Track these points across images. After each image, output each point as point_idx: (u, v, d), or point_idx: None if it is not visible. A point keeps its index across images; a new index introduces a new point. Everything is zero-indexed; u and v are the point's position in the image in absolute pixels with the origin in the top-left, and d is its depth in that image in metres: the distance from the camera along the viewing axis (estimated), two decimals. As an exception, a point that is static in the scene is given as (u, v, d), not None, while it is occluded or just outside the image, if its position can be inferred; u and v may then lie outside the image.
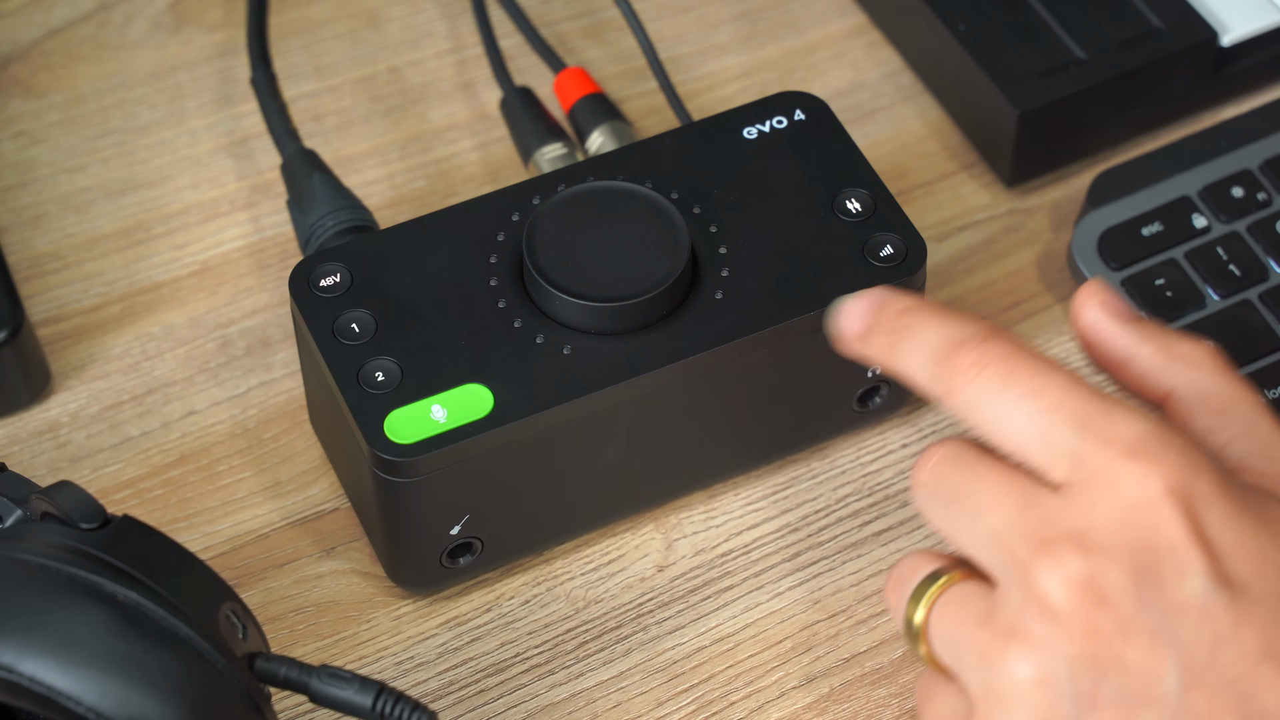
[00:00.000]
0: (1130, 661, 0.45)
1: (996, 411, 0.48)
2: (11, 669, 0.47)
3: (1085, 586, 0.46)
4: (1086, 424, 0.47)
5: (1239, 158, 0.69)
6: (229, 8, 0.77)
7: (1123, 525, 0.46)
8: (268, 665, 0.50)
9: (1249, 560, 0.46)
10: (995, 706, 0.47)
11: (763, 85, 0.74)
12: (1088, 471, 0.46)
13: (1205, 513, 0.46)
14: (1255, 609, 0.45)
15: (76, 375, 0.67)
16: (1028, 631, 0.46)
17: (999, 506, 0.47)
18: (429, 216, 0.61)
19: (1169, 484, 0.46)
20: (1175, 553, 0.45)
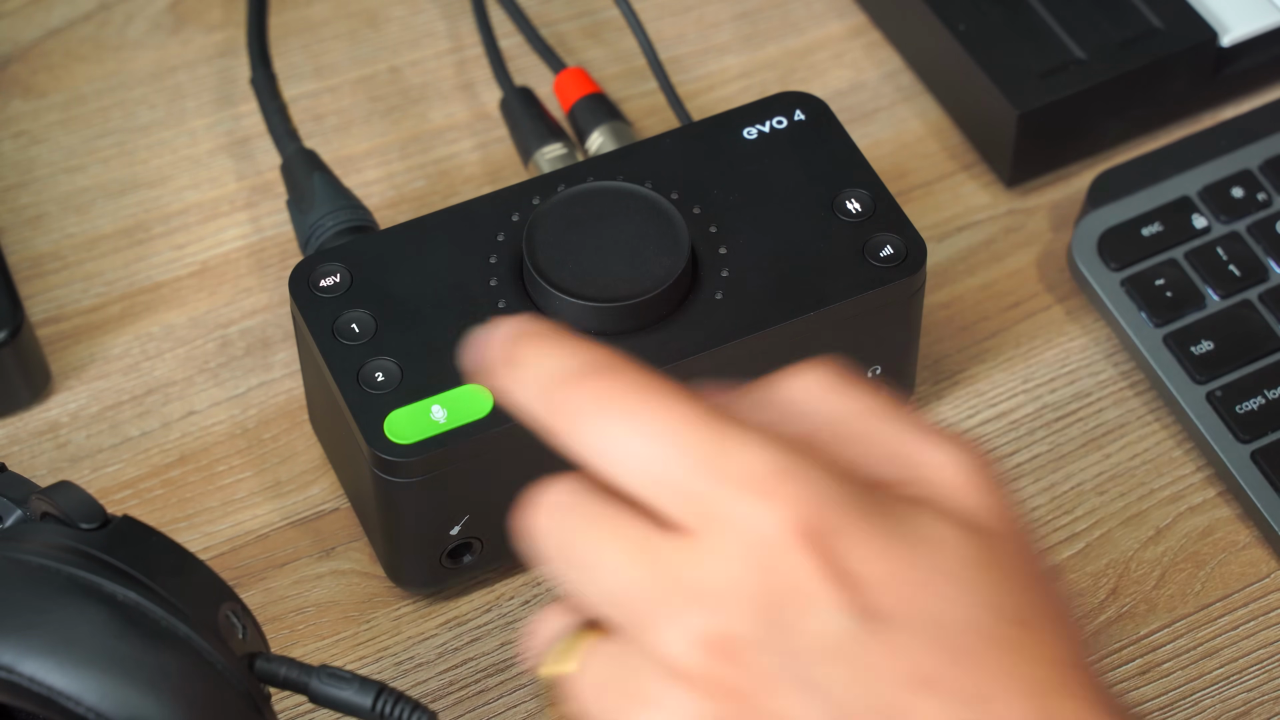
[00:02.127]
0: (773, 712, 0.41)
1: (611, 451, 0.43)
2: (11, 669, 0.47)
3: (710, 643, 0.42)
4: (704, 460, 0.42)
5: (1239, 158, 0.69)
6: (229, 8, 0.77)
7: (746, 571, 0.42)
8: (268, 665, 0.50)
9: (892, 586, 0.42)
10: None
11: (763, 85, 0.74)
12: (707, 514, 0.42)
13: (840, 544, 0.42)
14: (899, 636, 0.42)
15: (76, 375, 0.67)
16: (658, 699, 0.42)
17: (614, 561, 0.43)
18: (429, 216, 0.61)
19: (795, 520, 0.41)
20: (805, 593, 0.41)
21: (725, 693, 0.42)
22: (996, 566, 0.43)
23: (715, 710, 0.42)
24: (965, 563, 0.43)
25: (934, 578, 0.42)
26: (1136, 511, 0.64)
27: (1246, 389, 0.64)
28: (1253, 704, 0.60)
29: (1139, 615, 0.61)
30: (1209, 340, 0.65)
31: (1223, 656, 0.61)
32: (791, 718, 0.42)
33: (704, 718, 0.42)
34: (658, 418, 0.42)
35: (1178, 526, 0.63)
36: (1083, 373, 0.67)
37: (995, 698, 0.42)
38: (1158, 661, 0.60)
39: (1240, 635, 0.61)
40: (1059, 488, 0.64)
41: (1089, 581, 0.62)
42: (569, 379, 0.44)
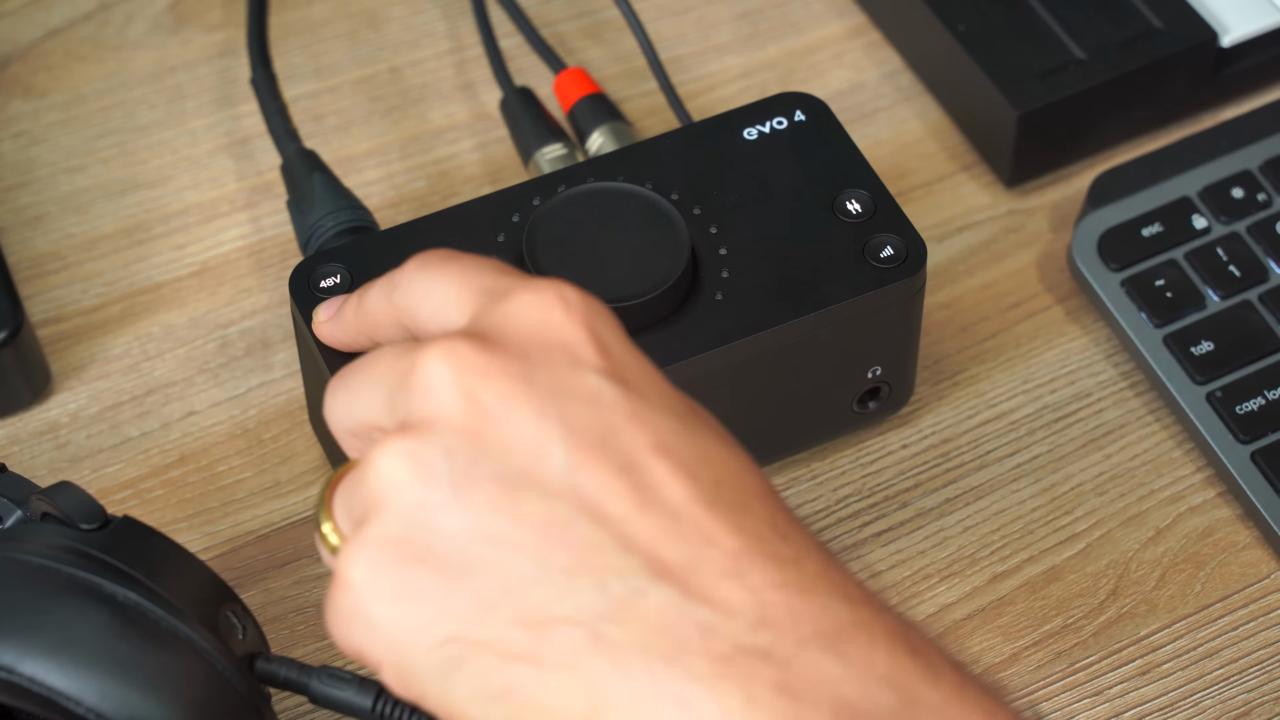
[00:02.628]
0: (513, 436, 0.44)
1: (423, 290, 0.48)
2: (12, 669, 0.47)
3: (469, 365, 0.44)
4: (504, 271, 0.47)
5: (1239, 158, 0.69)
6: (229, 8, 0.77)
7: (519, 324, 0.45)
8: (268, 666, 0.50)
9: (648, 378, 0.45)
10: (369, 511, 0.45)
11: (763, 86, 0.74)
12: (495, 294, 0.46)
13: (604, 330, 0.46)
14: (652, 411, 0.44)
15: (76, 375, 0.67)
16: (411, 421, 0.45)
17: (391, 349, 0.47)
18: (429, 217, 0.61)
19: (565, 295, 0.46)
20: (569, 348, 0.45)
21: (469, 405, 0.44)
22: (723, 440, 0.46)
23: (457, 423, 0.44)
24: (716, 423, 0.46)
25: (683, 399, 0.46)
26: (1136, 512, 0.64)
27: (1246, 389, 0.64)
28: (1253, 704, 0.60)
29: (1139, 615, 0.61)
30: (1209, 341, 0.65)
31: (1223, 657, 0.61)
32: (529, 444, 0.44)
33: (446, 431, 0.44)
34: (466, 260, 0.48)
35: (1178, 527, 0.63)
36: (1083, 373, 0.67)
37: (736, 488, 0.44)
38: (1158, 662, 0.60)
39: (1240, 636, 0.61)
40: (1059, 488, 0.64)
41: (1089, 581, 0.62)
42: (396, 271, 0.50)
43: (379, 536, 0.44)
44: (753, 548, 0.43)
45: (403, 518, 0.44)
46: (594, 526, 0.43)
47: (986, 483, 0.64)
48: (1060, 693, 0.60)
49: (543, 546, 0.43)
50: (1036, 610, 0.62)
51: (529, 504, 0.43)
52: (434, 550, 0.43)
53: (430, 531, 0.44)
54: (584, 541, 0.43)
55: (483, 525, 0.43)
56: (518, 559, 0.43)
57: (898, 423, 0.66)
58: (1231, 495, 0.64)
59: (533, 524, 0.43)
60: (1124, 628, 0.61)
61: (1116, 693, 0.60)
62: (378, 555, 0.44)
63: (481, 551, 0.43)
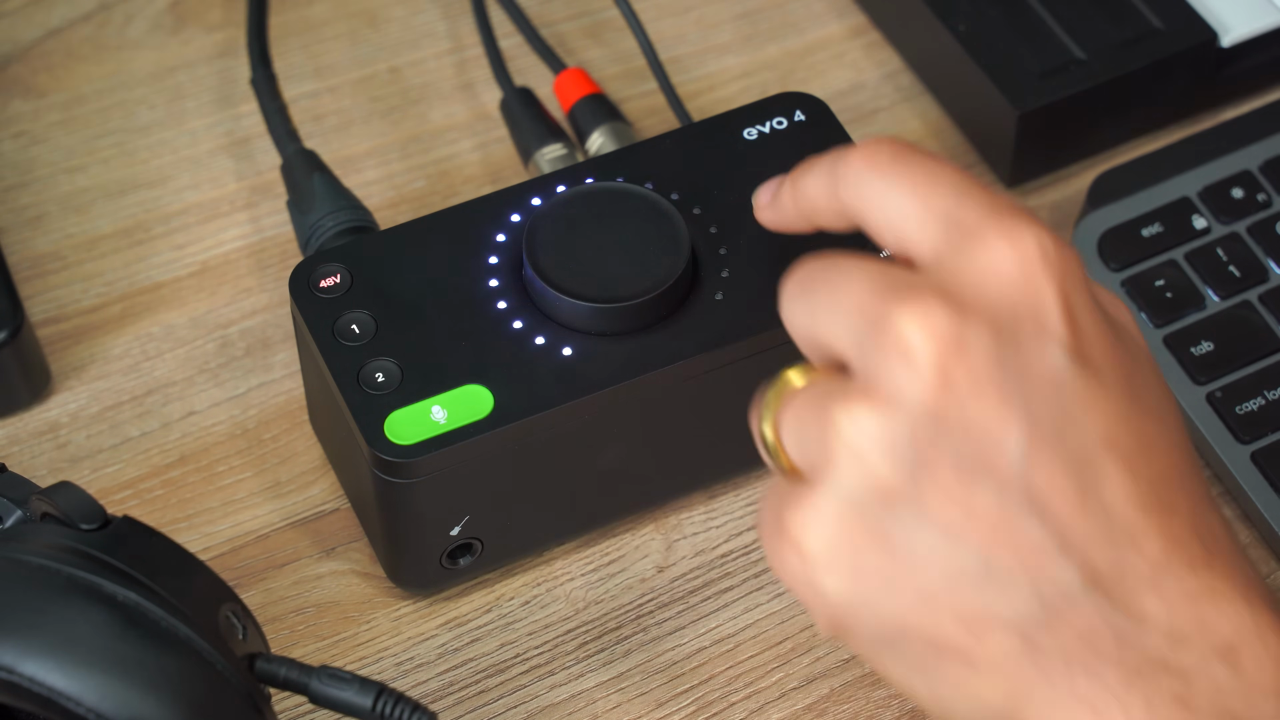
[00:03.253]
0: (975, 420, 0.44)
1: (876, 196, 0.47)
2: (12, 670, 0.47)
3: (946, 335, 0.44)
4: (966, 193, 0.46)
5: (1239, 158, 0.69)
6: (229, 8, 0.77)
7: (992, 281, 0.45)
8: (268, 666, 0.50)
9: (1105, 347, 0.45)
10: (822, 469, 0.45)
11: (763, 86, 0.74)
12: (963, 230, 0.45)
13: (1073, 290, 0.45)
14: (1106, 393, 0.44)
15: (76, 375, 0.67)
16: (875, 382, 0.44)
17: (863, 278, 0.46)
18: (429, 217, 0.61)
19: (1043, 249, 0.45)
20: (1041, 318, 0.44)
21: (942, 384, 0.44)
22: (1165, 389, 0.46)
23: (927, 401, 0.44)
24: (1150, 364, 0.46)
25: (1130, 354, 0.46)
26: (1136, 512, 0.64)
27: (1246, 390, 0.64)
28: (1253, 704, 0.60)
29: (1139, 616, 0.61)
30: (1209, 341, 0.65)
31: (1223, 657, 0.61)
32: (989, 430, 0.44)
33: (915, 407, 0.44)
34: (927, 170, 0.46)
35: (1178, 527, 0.63)
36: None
37: (1166, 483, 0.44)
38: (1158, 662, 0.60)
39: (1240, 636, 0.61)
40: (1059, 488, 0.64)
41: (1089, 582, 0.62)
42: (849, 153, 0.48)
43: (835, 509, 0.44)
44: (1173, 554, 0.44)
45: (861, 495, 0.44)
46: (1038, 525, 0.43)
47: (986, 483, 0.64)
48: (1060, 693, 0.60)
49: (989, 543, 0.44)
50: (1036, 610, 0.61)
51: (982, 496, 0.44)
52: (888, 534, 0.44)
53: (886, 514, 0.44)
54: (1028, 542, 0.43)
55: (935, 514, 0.44)
56: (965, 553, 0.44)
57: (898, 423, 0.66)
58: (1231, 495, 0.64)
59: (983, 518, 0.44)
60: (1124, 628, 0.61)
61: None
62: (834, 530, 0.45)
63: (932, 542, 0.44)
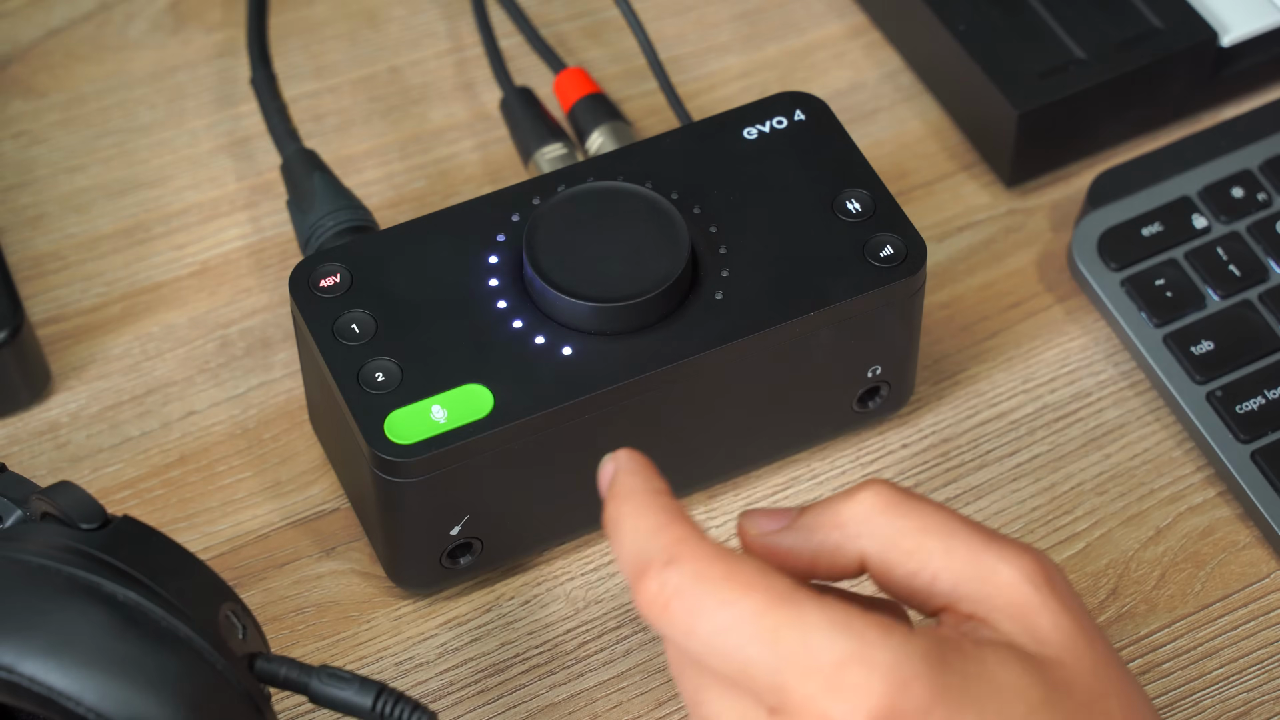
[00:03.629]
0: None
1: (693, 646, 0.46)
2: (11, 669, 0.47)
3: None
4: (784, 656, 0.45)
5: (1239, 158, 0.69)
6: (229, 8, 0.77)
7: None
8: (268, 665, 0.50)
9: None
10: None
11: (763, 85, 0.74)
12: (792, 708, 0.45)
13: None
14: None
15: (76, 375, 0.67)
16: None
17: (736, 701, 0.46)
18: (429, 217, 0.61)
19: (865, 711, 0.44)
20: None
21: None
22: (1061, 705, 0.45)
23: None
24: (1032, 707, 0.45)
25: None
26: (1136, 511, 0.64)
27: (1246, 389, 0.64)
28: (1253, 704, 0.60)
29: (1139, 615, 0.61)
30: (1209, 340, 0.65)
31: (1223, 656, 0.61)
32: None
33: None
34: (734, 615, 0.45)
35: (1178, 526, 0.63)
36: (1083, 373, 0.67)
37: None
38: (1158, 661, 0.60)
39: (1240, 635, 0.61)
40: (1059, 488, 0.64)
41: (1089, 581, 0.62)
42: (644, 574, 0.46)
43: None
44: None
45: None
46: None
47: (986, 482, 0.64)
48: (1060, 692, 0.60)
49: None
50: (1036, 610, 0.61)
51: None
52: None
53: None
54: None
55: None
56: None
57: (898, 422, 0.66)
58: (1231, 495, 0.64)
59: None
60: (1124, 627, 0.61)
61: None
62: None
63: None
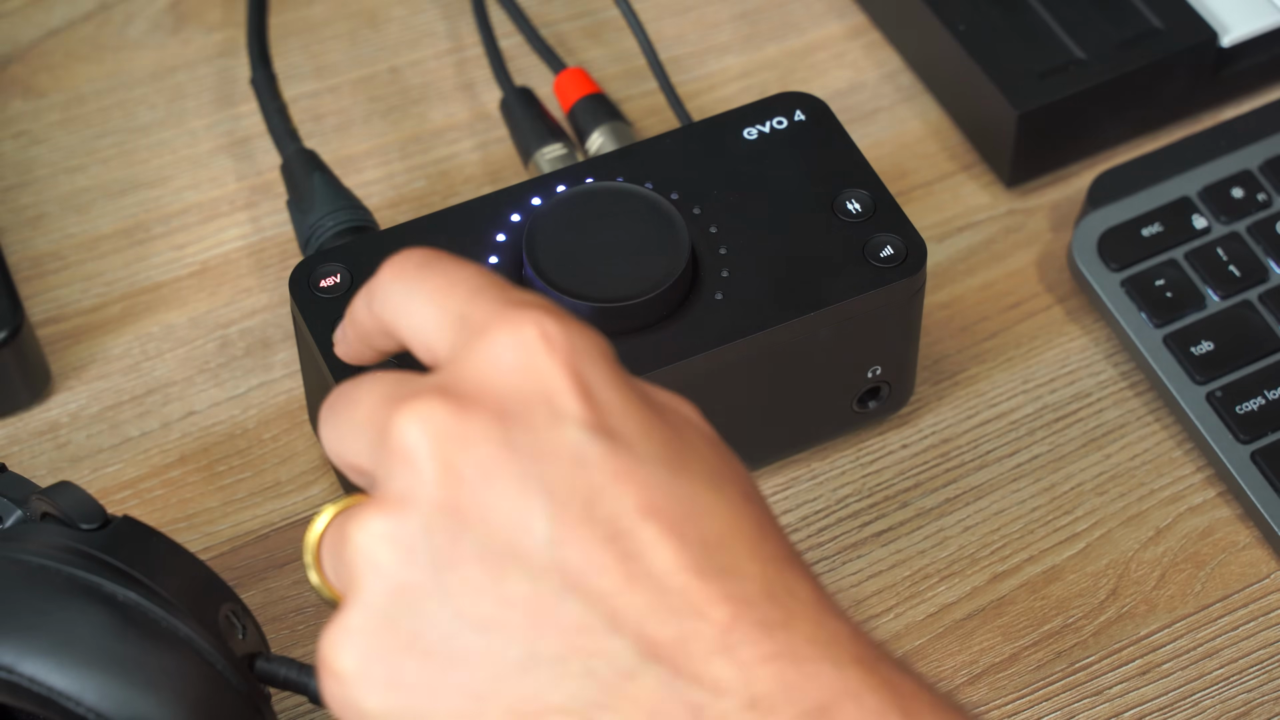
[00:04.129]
0: (493, 508, 0.42)
1: (401, 306, 0.46)
2: (11, 669, 0.47)
3: (446, 431, 0.42)
4: (480, 291, 0.45)
5: (1239, 158, 0.69)
6: (229, 8, 0.77)
7: (495, 371, 0.43)
8: (268, 665, 0.50)
9: (634, 421, 0.43)
10: (349, 588, 0.43)
11: (763, 85, 0.74)
12: (471, 328, 0.44)
13: (588, 368, 0.43)
14: (639, 466, 0.42)
15: (76, 375, 0.67)
16: (386, 489, 0.43)
17: (373, 389, 0.45)
18: (429, 217, 0.61)
19: (545, 333, 0.43)
20: (550, 399, 0.43)
21: (449, 478, 0.42)
22: (730, 460, 0.44)
23: (436, 498, 0.42)
24: (709, 441, 0.44)
25: (674, 429, 0.44)
26: (1136, 512, 0.64)
27: (1246, 389, 0.64)
28: (1253, 704, 0.60)
29: (1139, 615, 0.61)
30: (1209, 340, 0.65)
31: (1223, 657, 0.61)
32: (511, 516, 0.42)
33: (426, 507, 0.42)
34: (451, 272, 0.45)
35: (1178, 527, 0.63)
36: (1083, 373, 0.67)
37: (726, 547, 0.42)
38: (1158, 661, 0.60)
39: (1240, 635, 0.61)
40: (1059, 488, 0.64)
41: (1089, 581, 0.62)
42: (381, 271, 0.47)
43: (363, 623, 0.43)
44: (743, 616, 0.41)
45: (385, 601, 0.42)
46: (581, 605, 0.41)
47: (986, 482, 0.64)
48: (1060, 693, 0.60)
49: (530, 630, 0.42)
50: (1036, 610, 0.62)
51: (513, 584, 0.42)
52: (420, 637, 0.42)
53: (414, 616, 0.42)
54: (571, 623, 0.41)
55: (467, 609, 0.42)
56: (505, 645, 0.42)
57: (898, 423, 0.66)
58: (1231, 495, 0.64)
59: (518, 606, 0.42)
60: (1124, 628, 0.61)
61: (1116, 693, 0.60)
62: (363, 643, 0.43)
63: (468, 638, 0.42)
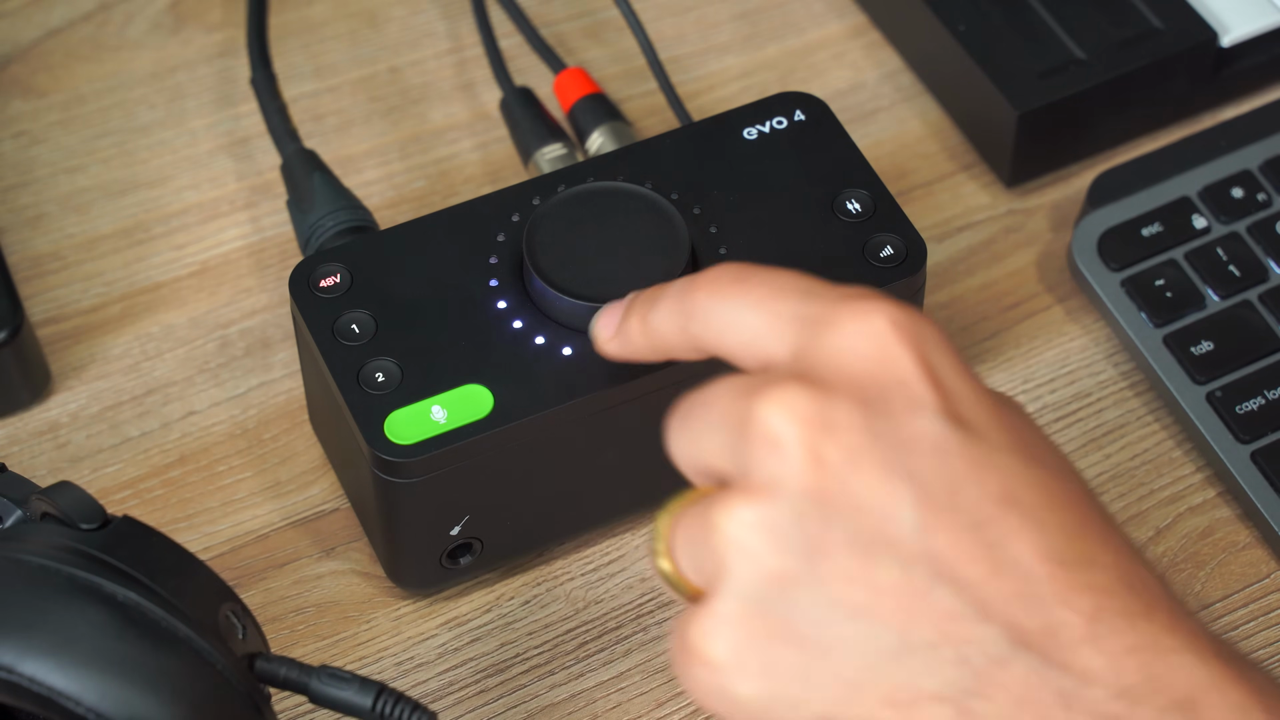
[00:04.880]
0: (862, 495, 0.42)
1: (726, 322, 0.46)
2: (11, 669, 0.47)
3: (810, 416, 0.43)
4: (810, 291, 0.45)
5: (1239, 158, 0.69)
6: (229, 8, 0.77)
7: (850, 359, 0.43)
8: (268, 665, 0.50)
9: (984, 410, 0.44)
10: (717, 576, 0.43)
11: (763, 85, 0.74)
12: (814, 322, 0.44)
13: (936, 356, 0.44)
14: (994, 452, 0.43)
15: (76, 375, 0.67)
16: (751, 478, 0.43)
17: (726, 388, 0.45)
18: (429, 217, 0.61)
19: (895, 321, 0.44)
20: (906, 386, 0.43)
21: (816, 465, 0.42)
22: (1066, 458, 0.45)
23: (804, 485, 0.42)
24: (1044, 435, 0.45)
25: (1017, 418, 0.44)
26: (1136, 512, 0.64)
27: (1246, 389, 0.64)
28: (1253, 704, 0.60)
29: (1139, 615, 0.61)
30: (1209, 340, 0.65)
31: (1223, 657, 0.61)
32: (879, 504, 0.42)
33: (794, 494, 0.43)
34: (770, 278, 0.46)
35: (1178, 527, 0.63)
36: (1083, 373, 0.67)
37: (1083, 537, 0.43)
38: (1158, 662, 0.60)
39: (1240, 635, 0.61)
40: (1059, 488, 0.64)
41: (1089, 582, 0.62)
42: (691, 284, 0.48)
43: (735, 611, 0.43)
44: (1106, 606, 0.42)
45: (757, 589, 0.43)
46: (951, 593, 0.42)
47: (986, 483, 0.64)
48: (1060, 692, 0.60)
49: (903, 618, 0.42)
50: (1036, 610, 0.61)
51: (885, 572, 0.42)
52: (794, 625, 0.43)
53: (788, 604, 0.43)
54: (943, 610, 0.42)
55: (840, 596, 0.42)
56: (879, 632, 0.42)
57: (898, 423, 0.66)
58: (1231, 495, 0.64)
59: (890, 593, 0.42)
60: (1124, 627, 0.61)
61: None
62: (737, 632, 0.43)
63: (842, 625, 0.42)
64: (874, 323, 0.44)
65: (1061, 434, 0.65)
